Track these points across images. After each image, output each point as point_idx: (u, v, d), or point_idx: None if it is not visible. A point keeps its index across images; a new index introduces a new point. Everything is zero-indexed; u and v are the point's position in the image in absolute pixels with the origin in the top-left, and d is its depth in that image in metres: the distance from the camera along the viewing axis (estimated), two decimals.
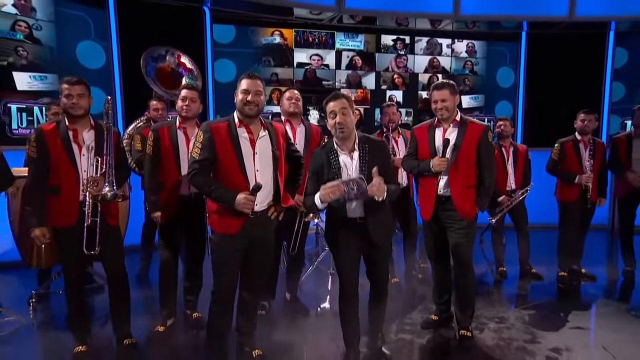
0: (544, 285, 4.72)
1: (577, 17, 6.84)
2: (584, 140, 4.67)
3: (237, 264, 2.86)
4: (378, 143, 2.91)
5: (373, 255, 2.94)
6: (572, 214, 4.73)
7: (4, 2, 5.46)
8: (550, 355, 3.22)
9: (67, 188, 2.97)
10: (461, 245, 3.35)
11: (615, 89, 7.67)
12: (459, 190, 3.32)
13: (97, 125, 3.12)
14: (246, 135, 2.80)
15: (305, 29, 7.28)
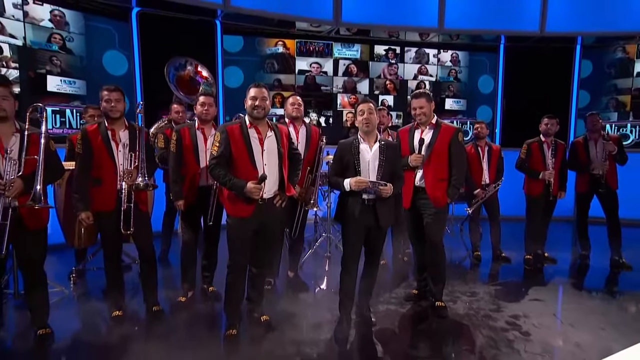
0: (512, 266, 5.01)
1: (547, 33, 7.12)
2: (547, 141, 4.96)
3: (248, 243, 3.16)
4: (393, 144, 3.40)
5: (373, 233, 3.28)
6: (536, 206, 5.03)
7: (42, 17, 5.74)
8: (509, 320, 3.55)
9: (107, 179, 3.29)
10: (432, 229, 3.64)
11: (582, 96, 7.93)
12: (431, 182, 3.62)
13: (130, 125, 3.44)
14: (256, 135, 3.10)
15: (306, 40, 7.49)
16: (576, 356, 3.00)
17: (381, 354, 3.03)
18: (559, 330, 3.42)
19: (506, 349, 3.09)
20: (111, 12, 6.28)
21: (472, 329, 3.41)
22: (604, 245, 5.12)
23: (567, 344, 3.17)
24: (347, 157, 3.23)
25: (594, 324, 3.51)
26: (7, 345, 3.18)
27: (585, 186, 5.05)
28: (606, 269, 4.94)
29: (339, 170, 3.26)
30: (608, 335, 3.30)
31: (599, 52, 7.85)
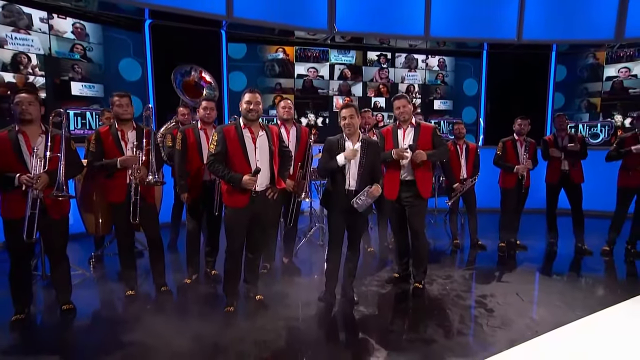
0: (487, 253, 5.20)
1: (524, 40, 7.28)
2: (520, 139, 5.15)
3: (243, 231, 3.37)
4: (375, 143, 3.57)
5: (355, 219, 3.46)
6: (510, 198, 5.21)
7: (65, 30, 5.98)
8: (477, 299, 3.76)
9: (118, 173, 3.52)
10: (415, 219, 3.84)
11: (557, 98, 8.08)
12: (421, 175, 3.82)
13: (138, 127, 3.66)
14: (249, 135, 3.29)
15: (304, 47, 7.69)
16: (531, 328, 3.19)
17: (361, 329, 3.21)
18: (519, 307, 3.60)
19: (471, 323, 3.31)
20: (126, 24, 6.50)
21: (444, 307, 3.60)
22: (571, 234, 5.31)
23: (524, 318, 3.36)
24: (334, 151, 3.43)
25: (550, 301, 3.71)
26: (37, 319, 3.41)
27: (554, 179, 5.22)
28: (570, 254, 5.14)
29: (328, 159, 3.46)
30: (561, 311, 3.49)
31: (572, 58, 7.99)
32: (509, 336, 3.08)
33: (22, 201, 3.06)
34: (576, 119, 7.87)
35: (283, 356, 2.83)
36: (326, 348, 2.97)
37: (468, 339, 3.05)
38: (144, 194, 3.59)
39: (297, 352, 2.89)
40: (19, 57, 5.75)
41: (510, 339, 3.03)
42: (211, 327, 3.19)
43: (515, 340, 3.01)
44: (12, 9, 5.58)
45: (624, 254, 5.03)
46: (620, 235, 5.07)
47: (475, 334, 3.13)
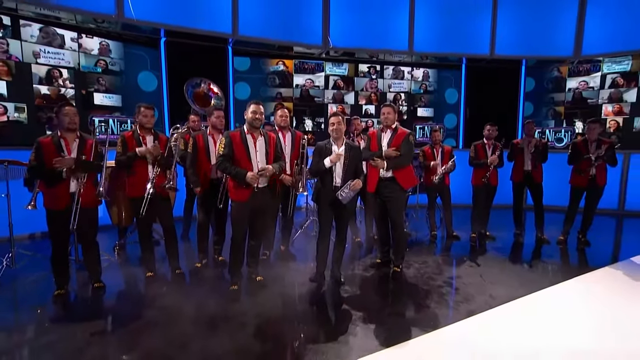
0: (460, 243, 5.50)
1: (496, 55, 7.62)
2: (488, 143, 5.49)
3: (246, 221, 3.70)
4: (357, 147, 3.86)
5: (341, 212, 3.78)
6: (479, 194, 5.55)
7: (92, 48, 6.35)
8: (446, 280, 4.07)
9: (139, 171, 3.86)
10: (394, 211, 4.14)
11: (527, 107, 8.41)
12: (398, 172, 4.12)
13: (155, 133, 4.01)
14: (251, 139, 3.65)
15: (302, 60, 8.00)
16: (488, 303, 3.52)
17: (345, 304, 3.52)
18: (481, 286, 3.92)
19: (438, 299, 3.63)
20: (145, 42, 6.83)
21: (417, 287, 3.92)
22: (533, 227, 5.62)
23: (483, 295, 3.69)
24: (323, 154, 3.74)
25: (508, 281, 4.03)
26: (72, 295, 3.73)
27: (519, 177, 5.53)
28: (531, 244, 5.45)
29: (317, 162, 3.76)
30: (514, 290, 3.81)
31: (540, 72, 8.33)
32: (469, 308, 3.41)
33: (64, 195, 3.43)
34: (544, 125, 8.21)
35: (278, 326, 3.13)
36: (315, 319, 3.28)
37: (435, 312, 3.36)
38: (160, 191, 3.92)
39: (291, 322, 3.19)
40: (52, 72, 6.10)
41: (469, 311, 3.36)
42: (218, 302, 3.51)
43: (473, 312, 3.34)
44: (49, 31, 5.97)
45: (576, 243, 5.36)
46: (573, 227, 5.39)
47: (440, 308, 3.44)
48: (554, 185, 5.75)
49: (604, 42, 7.48)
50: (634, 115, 7.70)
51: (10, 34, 5.72)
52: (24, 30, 5.82)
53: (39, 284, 3.90)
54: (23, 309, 3.54)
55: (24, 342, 2.91)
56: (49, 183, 3.45)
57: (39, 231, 5.72)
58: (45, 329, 3.08)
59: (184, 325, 3.09)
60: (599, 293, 3.79)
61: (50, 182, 3.44)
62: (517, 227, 5.80)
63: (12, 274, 4.12)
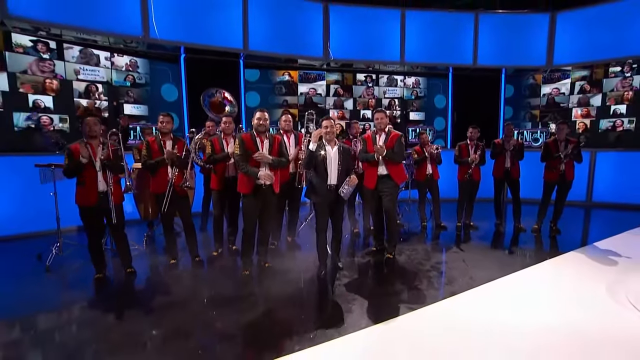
0: (447, 232, 5.53)
1: (479, 65, 7.68)
2: (471, 143, 5.54)
3: (256, 215, 3.79)
4: (348, 149, 3.89)
5: (337, 208, 3.82)
6: (464, 188, 5.62)
7: (122, 64, 6.51)
8: (433, 265, 4.13)
9: (161, 171, 3.99)
10: (388, 203, 4.19)
11: (507, 110, 8.44)
12: (392, 169, 4.20)
13: (175, 138, 4.12)
14: (259, 141, 3.76)
15: (305, 71, 8.09)
16: (469, 284, 3.59)
17: (343, 287, 3.60)
18: (463, 270, 3.99)
19: (425, 281, 3.70)
20: (167, 58, 6.97)
21: (407, 271, 3.99)
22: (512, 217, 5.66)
23: (464, 277, 3.77)
24: (317, 155, 3.76)
25: (487, 265, 4.09)
26: (111, 277, 3.87)
27: (499, 173, 5.57)
28: (510, 233, 5.49)
29: (312, 157, 3.78)
30: (493, 272, 3.88)
31: (517, 79, 8.38)
32: (451, 289, 3.48)
33: (94, 193, 3.58)
34: (522, 127, 8.23)
35: (283, 305, 3.23)
36: (316, 300, 3.38)
37: (422, 292, 3.44)
38: (179, 190, 4.04)
39: (294, 302, 3.29)
40: (90, 87, 6.31)
41: (452, 292, 3.44)
42: (231, 284, 3.63)
43: (454, 292, 3.42)
44: (87, 52, 6.23)
45: (549, 231, 5.41)
46: (546, 217, 5.44)
47: (426, 289, 3.52)
48: (531, 180, 5.78)
49: (572, 53, 7.58)
50: (600, 117, 7.88)
51: (55, 56, 5.95)
52: (67, 52, 6.06)
53: (83, 270, 4.05)
54: (69, 289, 3.69)
55: (70, 319, 3.08)
56: (81, 176, 3.58)
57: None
58: (86, 307, 3.24)
59: (202, 305, 3.21)
60: (568, 274, 3.86)
61: (82, 172, 3.57)
62: (498, 217, 5.83)
63: (60, 260, 4.25)
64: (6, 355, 2.55)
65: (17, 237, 5.23)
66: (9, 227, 5.20)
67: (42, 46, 5.87)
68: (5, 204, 5.19)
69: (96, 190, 3.62)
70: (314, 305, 3.23)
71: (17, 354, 2.59)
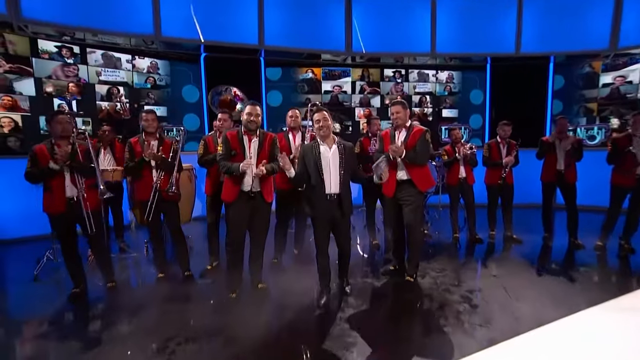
0: (483, 247, 4.35)
1: (522, 53, 6.21)
2: (502, 142, 4.42)
3: (244, 224, 2.95)
4: (350, 145, 2.94)
5: (339, 222, 2.87)
6: (494, 193, 4.51)
7: (143, 67, 6.01)
8: (464, 294, 3.04)
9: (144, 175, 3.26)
10: (410, 215, 3.21)
11: (555, 105, 6.82)
12: (416, 173, 3.20)
13: (160, 137, 3.39)
14: (247, 140, 2.93)
15: (329, 67, 7.08)
16: (512, 327, 2.48)
17: (346, 323, 2.65)
18: (504, 303, 2.85)
19: (453, 319, 2.64)
20: (187, 59, 6.33)
21: (430, 301, 2.94)
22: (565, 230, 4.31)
23: (506, 316, 2.64)
24: (308, 158, 2.84)
25: (537, 298, 2.92)
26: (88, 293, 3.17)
27: (550, 177, 4.29)
28: (563, 249, 4.15)
29: (302, 169, 2.88)
30: (545, 310, 2.70)
31: (569, 68, 6.67)
32: (489, 335, 2.41)
33: (61, 199, 2.95)
34: (574, 123, 6.61)
35: (264, 345, 2.35)
36: (308, 340, 2.44)
37: (447, 338, 2.40)
38: (165, 195, 3.28)
39: (277, 343, 2.40)
40: (111, 90, 5.88)
41: (489, 338, 2.36)
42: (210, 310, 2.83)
43: (493, 340, 2.34)
44: (109, 55, 5.80)
45: (617, 250, 3.99)
46: (613, 232, 4.06)
47: (454, 332, 2.46)
48: (587, 184, 4.42)
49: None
50: None
51: (79, 60, 5.61)
52: (89, 56, 5.68)
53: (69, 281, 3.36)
54: (45, 304, 3.03)
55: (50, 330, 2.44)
56: (47, 181, 2.95)
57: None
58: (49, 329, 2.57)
59: (167, 337, 2.40)
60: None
61: (48, 178, 2.93)
62: (546, 230, 4.53)
63: (54, 267, 3.69)
64: None
65: (31, 239, 4.75)
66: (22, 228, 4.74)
67: (66, 51, 5.54)
68: (22, 206, 4.73)
69: (64, 196, 2.93)
70: (303, 348, 2.30)
71: None
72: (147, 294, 3.16)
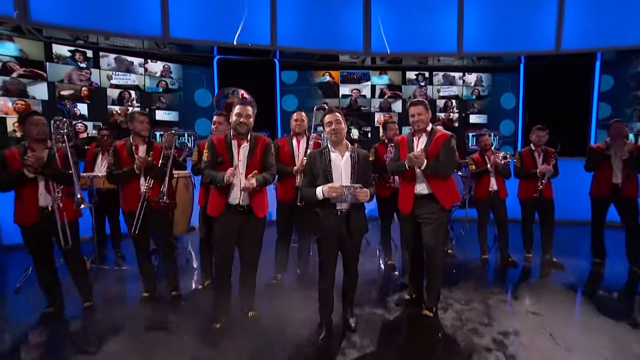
0: (518, 271, 3.63)
1: (563, 50, 5.37)
2: (537, 150, 3.75)
3: (231, 242, 2.48)
4: (364, 153, 2.43)
5: (348, 243, 2.35)
6: (529, 209, 3.79)
7: (156, 71, 5.77)
8: (497, 337, 2.38)
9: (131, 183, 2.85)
10: (430, 236, 2.62)
11: (602, 108, 5.90)
12: (438, 187, 2.61)
13: (150, 142, 3.00)
14: (236, 145, 2.49)
15: (348, 70, 6.57)
16: None
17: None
18: (550, 354, 2.19)
19: None
20: (200, 62, 6.04)
21: (453, 345, 2.33)
22: (623, 254, 3.54)
23: None
24: (317, 167, 2.35)
25: (594, 347, 2.23)
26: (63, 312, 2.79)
27: (603, 191, 3.55)
28: (622, 280, 3.35)
29: (311, 181, 2.38)
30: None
31: (619, 66, 5.75)
32: None
33: (34, 208, 2.59)
34: (629, 128, 5.68)
35: None
36: None
37: None
38: (154, 206, 2.85)
39: None
40: (123, 94, 5.66)
41: None
42: (190, 343, 2.34)
43: None
44: (121, 59, 5.59)
45: None
46: None
47: None
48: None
49: None
50: None
51: (92, 65, 5.42)
52: (102, 60, 5.49)
53: None
54: (16, 322, 2.71)
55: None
56: (18, 189, 2.60)
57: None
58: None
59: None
60: None
61: (19, 186, 2.58)
62: (596, 254, 3.77)
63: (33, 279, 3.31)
64: None
65: None
66: None
67: (79, 55, 5.37)
68: None
69: (36, 205, 2.57)
70: None
71: None
72: (125, 317, 2.73)
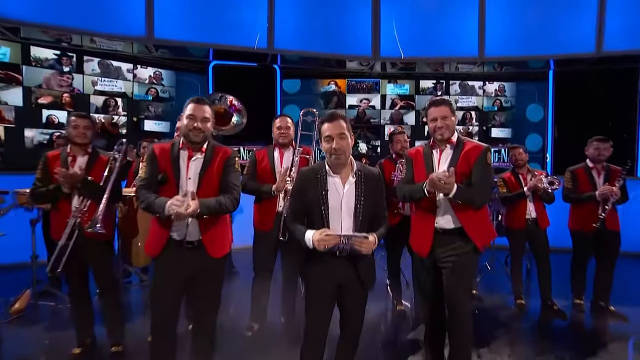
0: (566, 324, 2.73)
1: (605, 52, 4.48)
2: (596, 167, 2.83)
3: (175, 292, 1.73)
4: (375, 174, 1.65)
5: (351, 294, 1.60)
6: (584, 244, 2.85)
7: (145, 77, 5.24)
8: None
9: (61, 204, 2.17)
10: (455, 286, 1.82)
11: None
12: (469, 220, 1.82)
13: (95, 152, 2.30)
14: (185, 156, 1.75)
15: (356, 79, 5.88)
16: None
17: None
18: None
19: None
20: (195, 69, 5.47)
21: None
22: None
23: None
24: (311, 194, 1.58)
25: None
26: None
27: None
28: None
29: (299, 212, 1.63)
30: None
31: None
32: None
33: None
34: None
35: None
36: None
37: None
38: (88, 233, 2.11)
39: None
40: (108, 101, 5.09)
41: None
42: None
43: None
44: (107, 63, 5.03)
45: None
46: None
47: None
48: None
49: None
50: None
51: (75, 69, 4.85)
52: (86, 64, 4.91)
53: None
54: None
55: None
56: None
57: None
58: None
59: None
60: None
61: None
62: None
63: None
64: None
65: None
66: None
67: (66, 60, 4.80)
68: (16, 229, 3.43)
69: None
70: None
71: None
72: None
